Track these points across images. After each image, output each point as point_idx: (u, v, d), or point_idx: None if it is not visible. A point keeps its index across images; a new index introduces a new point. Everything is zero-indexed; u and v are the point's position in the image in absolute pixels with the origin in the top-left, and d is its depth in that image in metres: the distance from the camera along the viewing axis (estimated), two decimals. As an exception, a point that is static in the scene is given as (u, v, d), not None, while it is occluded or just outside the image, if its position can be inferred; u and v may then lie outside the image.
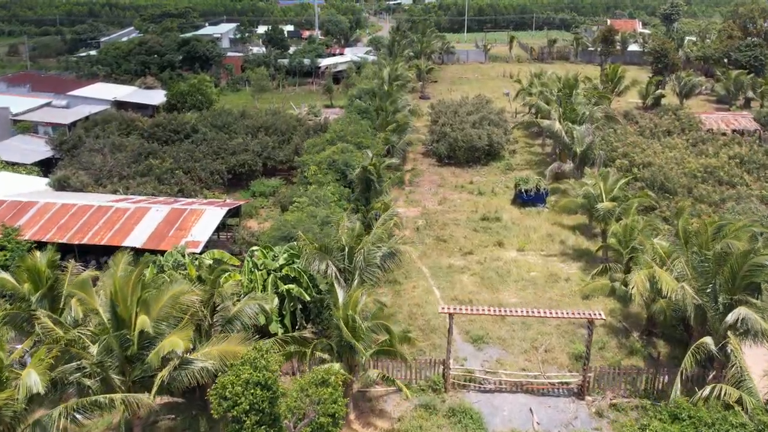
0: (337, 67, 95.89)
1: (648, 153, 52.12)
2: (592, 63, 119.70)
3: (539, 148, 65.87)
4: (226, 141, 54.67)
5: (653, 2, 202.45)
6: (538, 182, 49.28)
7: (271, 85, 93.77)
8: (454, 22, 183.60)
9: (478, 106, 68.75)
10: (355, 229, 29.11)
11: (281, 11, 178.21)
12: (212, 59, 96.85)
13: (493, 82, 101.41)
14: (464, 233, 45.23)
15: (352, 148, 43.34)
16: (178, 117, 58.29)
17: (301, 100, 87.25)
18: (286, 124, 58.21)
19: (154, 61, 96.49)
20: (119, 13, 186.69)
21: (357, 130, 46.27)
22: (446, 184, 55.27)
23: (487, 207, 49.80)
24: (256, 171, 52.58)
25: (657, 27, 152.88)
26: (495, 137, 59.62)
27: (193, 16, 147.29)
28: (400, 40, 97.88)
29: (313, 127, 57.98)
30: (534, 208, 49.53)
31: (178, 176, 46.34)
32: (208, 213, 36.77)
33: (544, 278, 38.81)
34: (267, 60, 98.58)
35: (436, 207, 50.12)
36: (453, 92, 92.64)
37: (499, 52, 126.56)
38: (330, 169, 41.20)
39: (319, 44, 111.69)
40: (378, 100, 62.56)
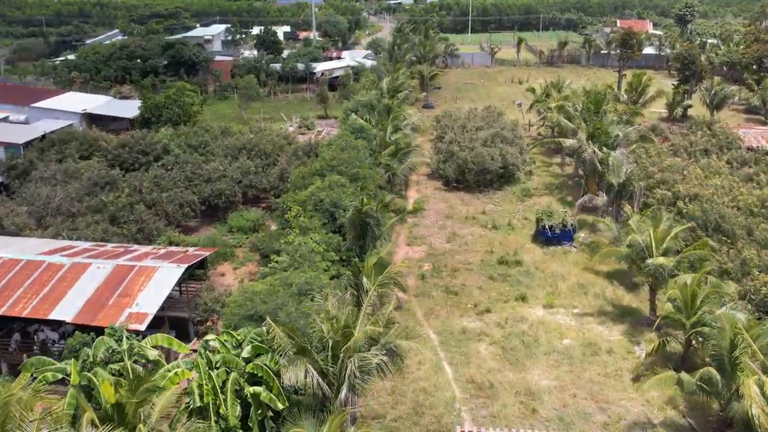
0: (334, 73, 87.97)
1: (690, 180, 44.20)
2: (605, 67, 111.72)
3: (558, 168, 57.96)
4: (201, 165, 46.84)
5: (662, 2, 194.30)
6: (563, 217, 41.44)
7: (262, 93, 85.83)
8: (456, 23, 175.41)
9: (489, 120, 60.90)
10: (340, 320, 21.26)
11: (278, 11, 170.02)
12: (199, 64, 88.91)
13: (501, 89, 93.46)
14: (479, 282, 37.39)
15: (345, 182, 35.50)
16: (147, 136, 50.43)
17: (294, 109, 79.36)
18: (272, 144, 50.35)
19: (136, 66, 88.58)
20: (110, 13, 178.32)
21: (351, 157, 38.45)
22: (455, 214, 47.39)
23: (504, 245, 41.98)
24: (235, 201, 44.76)
25: (669, 28, 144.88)
26: (510, 158, 51.75)
27: (184, 16, 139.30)
28: (401, 44, 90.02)
29: (303, 147, 50.11)
30: (559, 246, 41.72)
31: (139, 212, 38.50)
32: (162, 273, 28.96)
33: (580, 348, 30.99)
34: (258, 65, 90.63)
35: (444, 245, 42.28)
36: (458, 100, 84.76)
37: (506, 55, 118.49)
38: (316, 210, 33.36)
39: (315, 47, 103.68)
40: (377, 115, 54.72)
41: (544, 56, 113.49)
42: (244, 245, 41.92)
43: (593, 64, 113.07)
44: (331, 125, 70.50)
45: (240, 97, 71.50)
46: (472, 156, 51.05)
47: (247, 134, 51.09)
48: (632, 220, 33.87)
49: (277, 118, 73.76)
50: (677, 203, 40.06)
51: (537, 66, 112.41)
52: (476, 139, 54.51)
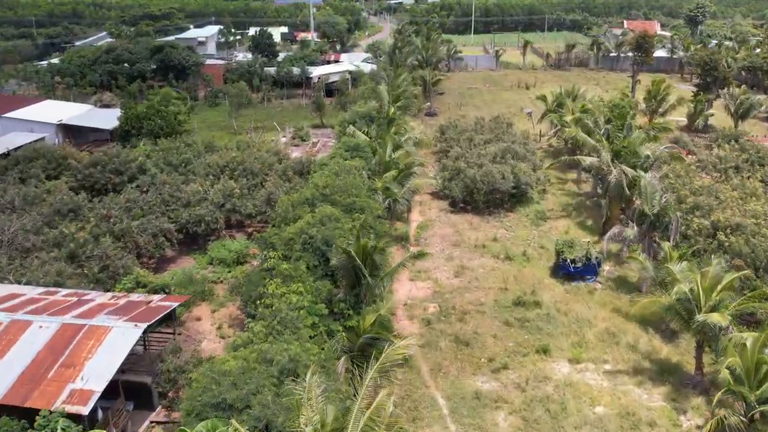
0: (331, 78, 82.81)
1: (727, 205, 39.04)
2: (614, 70, 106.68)
3: (574, 185, 52.83)
4: (180, 186, 41.74)
5: (669, 2, 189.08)
6: (587, 250, 36.33)
7: (255, 99, 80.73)
8: (458, 24, 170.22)
9: (498, 132, 55.80)
10: (326, 422, 16.20)
11: (275, 11, 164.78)
12: (189, 68, 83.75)
13: (507, 94, 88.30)
14: (493, 328, 32.29)
15: (339, 214, 30.39)
16: (122, 153, 45.31)
17: (288, 117, 74.21)
18: (260, 162, 45.22)
19: (122, 70, 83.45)
20: (104, 14, 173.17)
21: (347, 184, 33.29)
22: (463, 241, 42.26)
23: (519, 281, 36.87)
24: (217, 229, 39.67)
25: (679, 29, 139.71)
26: (523, 176, 46.61)
27: (177, 17, 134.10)
28: (402, 47, 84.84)
29: (295, 166, 44.99)
30: (582, 283, 36.63)
31: (104, 246, 33.37)
32: (115, 335, 23.85)
33: (616, 420, 25.90)
34: (252, 69, 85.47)
35: (452, 281, 37.16)
36: (463, 107, 79.66)
37: (511, 58, 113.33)
38: (305, 250, 28.25)
39: (313, 50, 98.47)
40: (376, 128, 49.64)
41: (551, 59, 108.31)
42: (226, 280, 36.85)
43: (602, 68, 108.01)
44: (327, 135, 65.47)
45: (230, 104, 66.34)
46: (480, 174, 45.93)
47: (233, 151, 45.86)
48: (675, 264, 28.72)
49: (270, 127, 68.69)
50: (717, 235, 34.91)
51: (544, 69, 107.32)
52: (485, 155, 49.43)
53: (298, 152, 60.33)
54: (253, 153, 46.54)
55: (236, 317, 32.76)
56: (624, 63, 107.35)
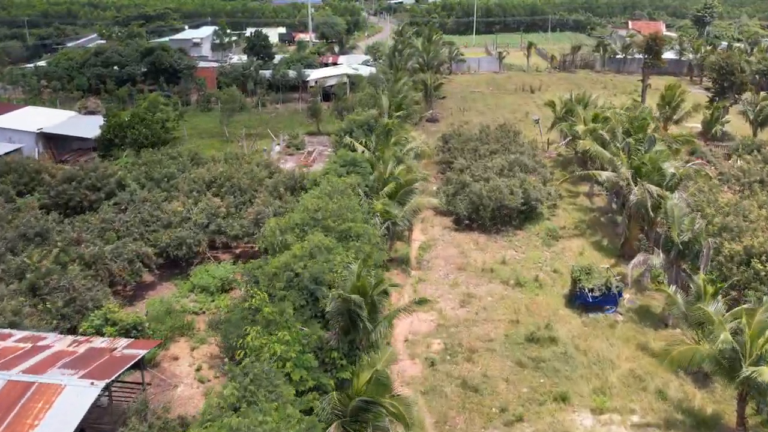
0: (328, 82, 79.17)
1: (759, 226, 35.46)
2: (621, 72, 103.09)
3: (586, 200, 49.26)
4: (161, 204, 38.19)
5: (674, 2, 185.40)
6: (607, 278, 32.79)
7: (250, 103, 77.17)
8: (459, 24, 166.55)
9: (505, 142, 52.24)
10: None
11: (273, 11, 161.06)
12: (180, 72, 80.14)
13: (512, 98, 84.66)
14: (504, 370, 28.74)
15: (332, 243, 26.86)
16: (100, 168, 41.74)
17: (283, 123, 70.63)
18: (249, 176, 41.64)
19: (112, 74, 79.82)
20: (99, 14, 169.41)
21: (341, 207, 29.74)
22: (468, 264, 38.68)
23: (532, 311, 33.34)
24: (200, 252, 36.12)
25: (685, 30, 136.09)
26: (533, 192, 43.05)
27: (173, 17, 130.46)
28: (403, 49, 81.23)
29: (287, 181, 41.40)
30: (601, 314, 33.09)
31: (70, 276, 29.82)
32: (68, 396, 20.31)
33: (650, 487, 22.39)
34: (246, 72, 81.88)
35: (458, 311, 33.59)
36: (466, 112, 76.09)
37: (514, 60, 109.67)
38: (291, 287, 24.70)
39: (310, 52, 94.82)
40: (375, 138, 46.10)
41: (556, 61, 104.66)
42: (209, 311, 33.31)
43: (608, 70, 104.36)
44: (324, 143, 61.91)
45: (222, 111, 62.75)
46: (487, 189, 42.36)
47: (220, 164, 42.28)
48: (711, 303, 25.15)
49: (263, 134, 65.12)
50: (752, 263, 31.35)
51: (548, 72, 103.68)
52: (491, 167, 45.88)
53: (292, 162, 56.82)
54: (242, 167, 42.93)
55: (217, 356, 29.22)
56: (631, 65, 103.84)
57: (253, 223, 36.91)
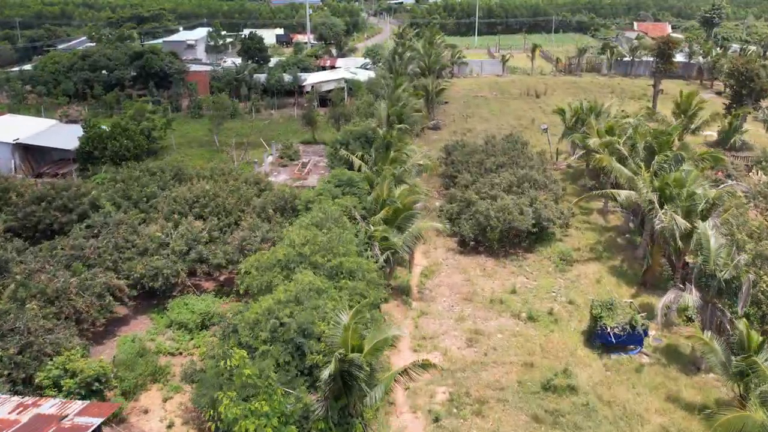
0: (325, 87, 75.51)
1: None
2: (629, 76, 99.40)
3: (600, 217, 45.63)
4: (138, 228, 34.57)
5: (678, 2, 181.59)
6: (632, 316, 29.19)
7: (243, 110, 73.56)
8: (461, 25, 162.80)
9: (512, 155, 48.57)
10: None
11: (271, 12, 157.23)
12: (171, 76, 76.51)
13: (516, 103, 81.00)
14: (519, 427, 25.10)
15: (322, 284, 23.27)
16: (72, 186, 38.10)
17: (278, 130, 67.01)
18: (236, 195, 38.00)
19: (99, 78, 76.18)
20: (93, 15, 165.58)
21: (332, 240, 26.14)
22: (475, 293, 35.05)
23: (547, 352, 29.74)
24: (178, 283, 32.51)
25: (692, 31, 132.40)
26: (544, 211, 39.42)
27: (167, 18, 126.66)
28: (403, 52, 77.59)
29: (276, 201, 37.75)
30: (625, 355, 29.51)
31: (26, 317, 26.20)
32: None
33: None
34: (240, 76, 78.22)
35: (464, 352, 29.94)
36: (469, 118, 72.51)
37: (517, 62, 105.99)
38: (274, 338, 21.10)
39: (307, 55, 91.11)
40: (373, 152, 42.51)
41: (561, 64, 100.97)
42: (187, 351, 29.74)
43: (615, 73, 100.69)
44: (320, 153, 58.23)
45: (211, 119, 59.10)
46: (495, 209, 38.73)
47: (204, 182, 38.59)
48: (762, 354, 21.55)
49: (256, 143, 61.49)
50: (796, 301, 27.75)
51: (553, 75, 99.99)
52: (498, 183, 42.22)
53: (285, 174, 53.22)
54: (228, 184, 39.29)
55: (193, 410, 25.61)
56: (638, 68, 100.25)
57: (237, 249, 33.27)
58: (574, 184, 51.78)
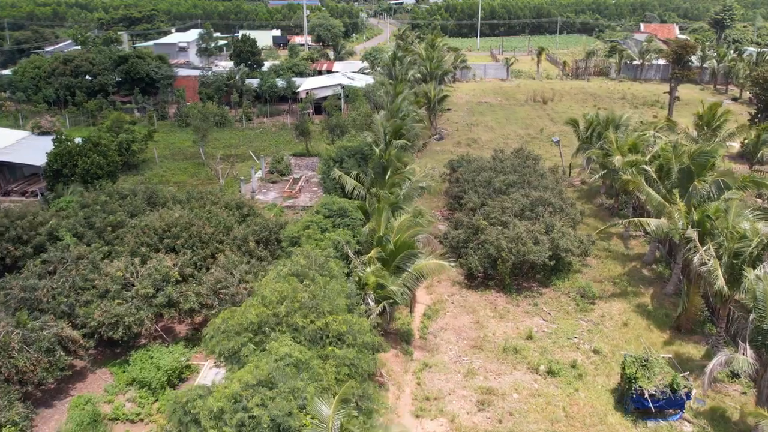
0: (319, 93, 70.88)
1: None
2: (638, 80, 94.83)
3: (620, 243, 41.01)
4: (100, 265, 29.98)
5: (684, 3, 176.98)
6: (673, 379, 24.59)
7: (233, 117, 69.00)
8: (462, 26, 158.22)
9: (524, 172, 43.92)
10: None
11: (268, 13, 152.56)
12: (158, 82, 71.91)
13: (523, 110, 76.39)
14: None
15: (303, 355, 18.69)
16: (29, 214, 33.49)
17: (270, 140, 62.44)
18: (214, 223, 33.39)
19: (82, 84, 71.54)
20: (86, 16, 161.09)
21: (316, 293, 21.52)
22: (486, 339, 30.45)
23: (572, 418, 25.14)
24: (143, 331, 27.92)
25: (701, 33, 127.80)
26: (562, 241, 34.80)
27: (160, 20, 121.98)
28: (403, 56, 72.98)
29: (259, 231, 33.15)
30: (663, 421, 24.92)
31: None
32: None
33: None
34: (230, 82, 73.61)
35: (475, 418, 25.33)
36: (474, 128, 67.95)
37: (522, 66, 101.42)
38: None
39: (302, 59, 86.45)
40: (370, 172, 37.90)
41: (568, 68, 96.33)
42: (149, 417, 25.18)
43: (624, 77, 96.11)
44: (313, 167, 53.63)
45: (196, 130, 54.50)
46: (507, 239, 34.12)
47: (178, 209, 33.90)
48: None
49: (245, 156, 56.91)
50: None
51: (560, 79, 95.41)
52: (510, 208, 37.60)
53: (275, 192, 48.65)
54: (206, 210, 34.64)
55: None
56: (648, 72, 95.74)
57: (212, 291, 28.68)
58: (590, 203, 47.22)
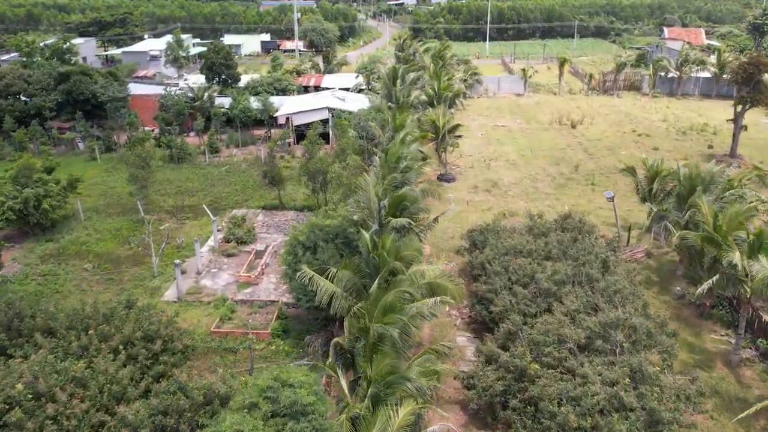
0: (302, 119, 56.73)
1: None
2: (674, 95, 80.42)
3: (728, 375, 26.90)
4: None
5: (705, 5, 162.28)
6: None
7: (195, 149, 55.01)
8: (467, 30, 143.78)
9: (577, 258, 29.76)
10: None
11: (257, 16, 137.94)
12: (106, 104, 57.82)
13: (548, 137, 62.12)
14: None
15: None
16: None
17: (234, 185, 48.27)
18: (97, 385, 19.33)
19: (14, 108, 57.38)
20: (63, 17, 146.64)
21: None
22: None
23: None
24: None
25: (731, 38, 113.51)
26: (663, 413, 20.75)
27: (134, 23, 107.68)
28: (405, 72, 58.75)
29: (174, 406, 19.16)
30: None
31: None
32: None
33: None
34: (196, 103, 59.50)
35: None
36: (491, 163, 53.83)
37: (540, 78, 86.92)
38: None
39: (284, 73, 72.11)
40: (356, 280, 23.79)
41: (595, 82, 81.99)
42: None
43: (659, 92, 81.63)
44: (284, 228, 39.52)
45: (133, 179, 40.33)
46: (575, 405, 20.15)
47: (27, 368, 19.98)
48: None
49: (198, 210, 42.79)
50: None
51: (585, 94, 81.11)
52: (571, 337, 23.48)
53: (227, 274, 34.50)
54: (84, 359, 20.64)
55: None
56: (686, 85, 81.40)
57: None
58: (662, 291, 33.13)
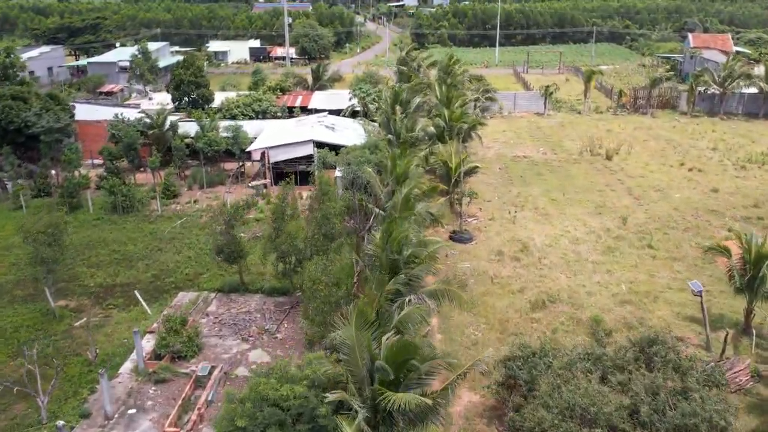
0: (281, 155, 45.36)
1: None
2: (717, 115, 69.04)
3: None
4: None
5: (725, 8, 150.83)
6: None
7: (146, 194, 43.82)
8: (473, 36, 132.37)
9: (682, 423, 18.29)
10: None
11: (246, 20, 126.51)
12: (40, 135, 46.50)
13: (581, 172, 50.71)
14: None
15: None
16: None
17: (187, 253, 36.89)
18: None
19: (-73, 138, 46.11)
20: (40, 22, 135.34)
21: None
22: None
23: None
24: None
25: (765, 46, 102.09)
26: None
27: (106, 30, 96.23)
28: (409, 98, 47.20)
29: None
30: None
31: None
32: None
33: None
34: (153, 132, 48.22)
35: None
36: (517, 212, 42.18)
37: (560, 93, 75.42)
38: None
39: (265, 92, 60.62)
40: None
41: (625, 99, 70.56)
42: None
43: (699, 110, 70.25)
44: (242, 327, 28.16)
45: (34, 263, 28.85)
46: None
47: None
48: None
49: (129, 299, 31.35)
50: None
51: (614, 114, 69.76)
52: None
53: (154, 413, 22.97)
54: None
55: None
56: (729, 103, 70.09)
57: None
58: None
